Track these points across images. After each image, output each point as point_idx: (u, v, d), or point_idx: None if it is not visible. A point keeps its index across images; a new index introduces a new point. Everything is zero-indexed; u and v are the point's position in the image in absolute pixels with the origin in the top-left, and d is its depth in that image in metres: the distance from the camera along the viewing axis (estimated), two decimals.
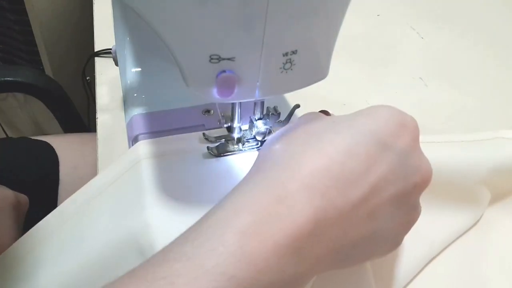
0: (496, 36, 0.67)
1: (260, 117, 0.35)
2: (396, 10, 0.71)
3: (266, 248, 0.19)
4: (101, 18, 0.63)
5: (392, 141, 0.24)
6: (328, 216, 0.21)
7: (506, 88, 0.57)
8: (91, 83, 0.64)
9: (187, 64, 0.26)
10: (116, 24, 0.42)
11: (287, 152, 0.23)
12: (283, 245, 0.20)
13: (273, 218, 0.20)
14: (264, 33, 0.24)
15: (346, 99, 0.52)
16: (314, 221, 0.21)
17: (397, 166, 0.23)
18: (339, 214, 0.21)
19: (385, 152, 0.23)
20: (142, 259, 0.29)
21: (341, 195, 0.21)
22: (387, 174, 0.23)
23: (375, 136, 0.23)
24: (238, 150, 0.36)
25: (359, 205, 0.22)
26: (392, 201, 0.23)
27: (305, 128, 0.25)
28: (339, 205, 0.21)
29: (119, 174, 0.35)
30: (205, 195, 0.32)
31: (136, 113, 0.41)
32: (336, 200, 0.21)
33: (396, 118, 0.25)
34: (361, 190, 0.22)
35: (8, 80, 0.60)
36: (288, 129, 0.27)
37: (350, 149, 0.22)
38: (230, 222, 0.20)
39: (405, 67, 0.59)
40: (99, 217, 0.34)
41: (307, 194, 0.21)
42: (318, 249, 0.21)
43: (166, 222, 0.30)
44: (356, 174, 0.22)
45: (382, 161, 0.23)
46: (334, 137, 0.23)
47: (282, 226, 0.20)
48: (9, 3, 0.83)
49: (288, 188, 0.21)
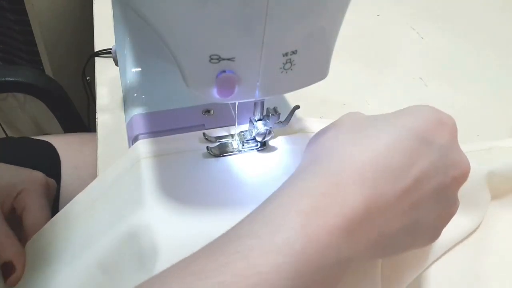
0: (496, 36, 0.67)
1: (260, 117, 0.35)
2: (396, 10, 0.71)
3: (325, 229, 0.21)
4: (101, 18, 0.63)
5: (432, 138, 0.25)
6: (377, 204, 0.23)
7: (506, 88, 0.57)
8: (91, 83, 0.64)
9: (187, 64, 0.26)
10: (116, 24, 0.42)
11: (337, 146, 0.25)
12: (339, 228, 0.22)
13: (329, 203, 0.22)
14: (264, 33, 0.24)
15: (346, 99, 0.52)
16: (365, 208, 0.23)
17: (438, 161, 0.25)
18: (386, 203, 0.23)
19: (426, 147, 0.25)
20: (142, 259, 0.29)
21: (388, 186, 0.23)
22: (428, 168, 0.25)
23: (417, 133, 0.25)
24: (237, 150, 0.36)
25: (403, 196, 0.24)
26: (433, 194, 0.25)
27: (351, 124, 0.27)
28: (386, 195, 0.23)
29: (120, 174, 0.35)
30: (205, 195, 0.32)
31: (136, 113, 0.41)
32: (383, 190, 0.23)
33: (435, 116, 0.26)
34: (405, 182, 0.24)
35: (8, 80, 0.60)
36: (333, 126, 0.28)
37: (395, 144, 0.24)
38: (293, 205, 0.22)
39: (405, 67, 0.59)
40: (100, 218, 0.34)
41: (358, 183, 0.23)
42: (367, 235, 0.23)
43: (165, 222, 0.30)
44: (400, 168, 0.24)
45: (424, 156, 0.25)
46: (379, 133, 0.25)
47: (338, 210, 0.22)
48: (9, 3, 0.83)
49: (342, 178, 0.23)
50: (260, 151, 0.36)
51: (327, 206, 0.22)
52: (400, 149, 0.24)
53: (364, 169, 0.23)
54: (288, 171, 0.35)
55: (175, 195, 0.32)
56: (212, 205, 0.31)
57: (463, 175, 0.27)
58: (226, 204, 0.31)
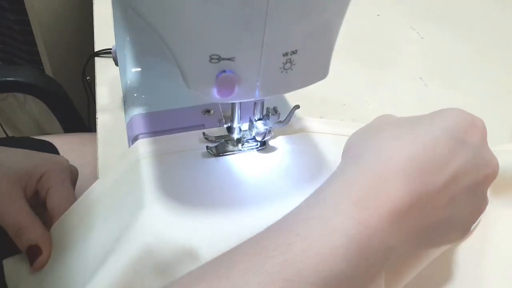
0: (496, 36, 0.67)
1: (260, 117, 0.35)
2: (396, 10, 0.71)
3: (375, 217, 0.23)
4: (101, 18, 0.63)
5: (465, 138, 0.27)
6: (419, 196, 0.25)
7: (506, 88, 0.57)
8: (91, 83, 0.64)
9: (187, 64, 0.26)
10: (116, 24, 0.42)
11: (377, 143, 0.27)
12: (386, 216, 0.24)
13: (376, 194, 0.24)
14: (264, 33, 0.24)
15: (346, 99, 0.52)
16: (409, 199, 0.24)
17: (471, 159, 0.27)
18: (426, 196, 0.25)
19: (461, 146, 0.27)
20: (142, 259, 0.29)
21: (428, 180, 0.25)
22: (463, 166, 0.26)
23: (452, 133, 0.27)
24: (237, 150, 0.36)
25: (441, 191, 0.25)
26: (467, 190, 0.27)
27: (388, 124, 0.29)
28: (427, 189, 0.25)
29: (120, 174, 0.35)
30: (205, 194, 0.32)
31: (136, 113, 0.41)
32: (424, 184, 0.25)
33: (467, 118, 0.28)
34: (443, 178, 0.25)
35: (8, 80, 0.60)
36: (370, 127, 0.31)
37: (432, 143, 0.26)
38: (343, 195, 0.24)
39: (405, 67, 0.59)
40: (101, 218, 0.34)
41: (401, 177, 0.25)
42: (410, 225, 0.25)
43: (165, 221, 0.30)
44: (438, 164, 0.26)
45: (459, 154, 0.26)
46: (417, 132, 0.27)
47: (384, 200, 0.24)
48: (9, 3, 0.83)
49: (386, 171, 0.25)
50: (260, 150, 0.36)
51: (374, 196, 0.24)
52: (437, 147, 0.26)
53: (405, 164, 0.25)
54: (288, 171, 0.35)
55: (175, 194, 0.32)
56: (212, 204, 0.31)
57: (493, 174, 0.29)
58: (226, 203, 0.31)
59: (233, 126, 0.35)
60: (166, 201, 0.31)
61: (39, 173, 0.39)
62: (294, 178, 0.34)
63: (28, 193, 0.38)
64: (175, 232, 0.30)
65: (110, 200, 0.35)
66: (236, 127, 0.35)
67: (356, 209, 0.24)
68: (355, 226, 0.23)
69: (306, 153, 0.37)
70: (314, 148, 0.37)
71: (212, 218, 0.30)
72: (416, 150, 0.26)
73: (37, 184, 0.39)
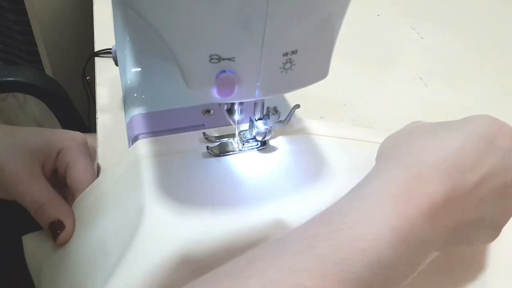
0: (496, 36, 0.67)
1: (260, 117, 0.35)
2: (396, 10, 0.71)
3: (414, 211, 0.25)
4: (101, 18, 0.63)
5: (495, 141, 0.29)
6: (454, 195, 0.26)
7: (506, 88, 0.57)
8: (91, 83, 0.64)
9: (187, 64, 0.26)
10: (116, 24, 0.42)
11: (412, 145, 0.29)
12: (424, 211, 0.25)
13: (414, 190, 0.26)
14: (264, 33, 0.24)
15: (346, 99, 0.52)
16: (444, 197, 0.26)
17: (501, 162, 0.28)
18: (460, 195, 0.27)
19: (491, 149, 0.28)
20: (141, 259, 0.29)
21: (460, 179, 0.27)
22: (493, 168, 0.28)
23: (483, 137, 0.29)
24: (238, 150, 0.36)
25: (473, 190, 0.27)
26: (497, 191, 0.28)
27: (421, 128, 0.31)
28: (460, 188, 0.27)
29: (120, 174, 0.35)
30: (205, 194, 0.32)
31: (136, 113, 0.41)
32: (457, 183, 0.27)
33: (496, 123, 0.30)
34: (474, 178, 0.27)
35: (8, 80, 0.60)
36: (403, 131, 0.33)
37: (465, 145, 0.28)
38: (383, 191, 0.26)
39: (405, 67, 0.59)
40: (101, 218, 0.34)
41: (436, 175, 0.26)
42: (445, 222, 0.26)
43: (166, 221, 0.30)
44: (469, 165, 0.27)
45: (489, 156, 0.28)
46: (450, 135, 0.29)
47: (423, 196, 0.25)
48: (9, 3, 0.83)
49: (421, 170, 0.27)
50: (260, 150, 0.36)
51: (412, 192, 0.26)
52: (469, 149, 0.28)
53: (439, 164, 0.27)
54: (288, 171, 0.35)
55: (175, 194, 0.32)
56: (212, 204, 0.31)
57: None
58: (227, 203, 0.31)
59: (233, 108, 0.34)
60: (166, 201, 0.31)
61: (57, 149, 0.38)
62: (294, 178, 0.34)
63: (47, 171, 0.37)
64: (176, 232, 0.30)
65: (110, 200, 0.35)
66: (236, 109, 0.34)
67: (396, 203, 0.25)
68: (397, 218, 0.24)
69: (307, 153, 0.37)
70: (315, 148, 0.37)
71: (213, 217, 0.30)
72: (449, 151, 0.27)
73: (55, 161, 0.38)
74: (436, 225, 0.26)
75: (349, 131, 0.39)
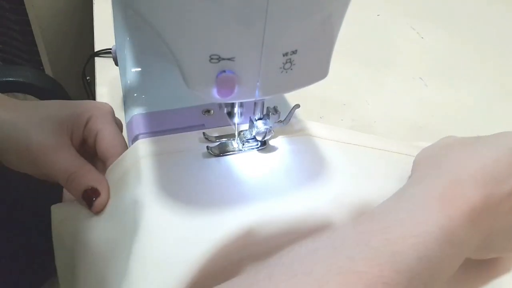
0: (496, 36, 0.67)
1: (260, 117, 0.35)
2: (396, 10, 0.71)
3: (457, 213, 0.27)
4: (101, 18, 0.63)
5: None
6: (490, 201, 0.28)
7: (506, 88, 0.57)
8: (91, 83, 0.64)
9: (187, 64, 0.26)
10: (116, 24, 0.42)
11: (451, 156, 0.31)
12: (466, 214, 0.27)
13: (456, 194, 0.28)
14: (264, 33, 0.24)
15: (346, 99, 0.53)
16: (483, 202, 0.28)
17: None
18: (494, 203, 0.28)
19: None
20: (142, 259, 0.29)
21: (496, 187, 0.29)
22: None
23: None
24: (238, 150, 0.36)
25: (505, 200, 0.29)
26: None
27: (457, 141, 0.33)
28: (495, 196, 0.28)
29: (120, 174, 0.35)
30: (205, 194, 0.32)
31: (136, 113, 0.41)
32: (492, 191, 0.28)
33: None
34: (507, 188, 0.29)
35: (8, 80, 0.60)
36: (439, 144, 0.35)
37: (499, 158, 0.30)
38: (426, 194, 0.28)
39: (405, 67, 0.59)
40: (100, 217, 0.34)
41: (473, 183, 0.28)
42: (482, 227, 0.28)
43: (166, 221, 0.30)
44: (503, 176, 0.29)
45: None
46: (485, 148, 0.31)
47: (463, 200, 0.27)
48: (9, 3, 0.83)
49: (459, 178, 0.29)
50: (260, 150, 0.36)
51: (454, 196, 0.28)
52: (503, 162, 0.30)
53: (477, 172, 0.29)
54: (288, 170, 0.35)
55: (175, 194, 0.32)
56: (212, 204, 0.31)
57: None
58: (227, 203, 0.31)
59: (233, 111, 0.35)
60: (166, 201, 0.31)
61: (84, 119, 0.37)
62: (294, 178, 0.34)
63: (76, 142, 0.37)
64: (176, 232, 0.30)
65: (110, 200, 0.35)
66: (236, 112, 0.34)
67: (441, 205, 0.27)
68: (443, 218, 0.26)
69: (307, 153, 0.37)
70: (315, 148, 0.37)
71: (213, 217, 0.30)
72: (485, 163, 0.30)
73: (84, 130, 0.37)
74: (474, 228, 0.28)
75: (349, 136, 0.39)
